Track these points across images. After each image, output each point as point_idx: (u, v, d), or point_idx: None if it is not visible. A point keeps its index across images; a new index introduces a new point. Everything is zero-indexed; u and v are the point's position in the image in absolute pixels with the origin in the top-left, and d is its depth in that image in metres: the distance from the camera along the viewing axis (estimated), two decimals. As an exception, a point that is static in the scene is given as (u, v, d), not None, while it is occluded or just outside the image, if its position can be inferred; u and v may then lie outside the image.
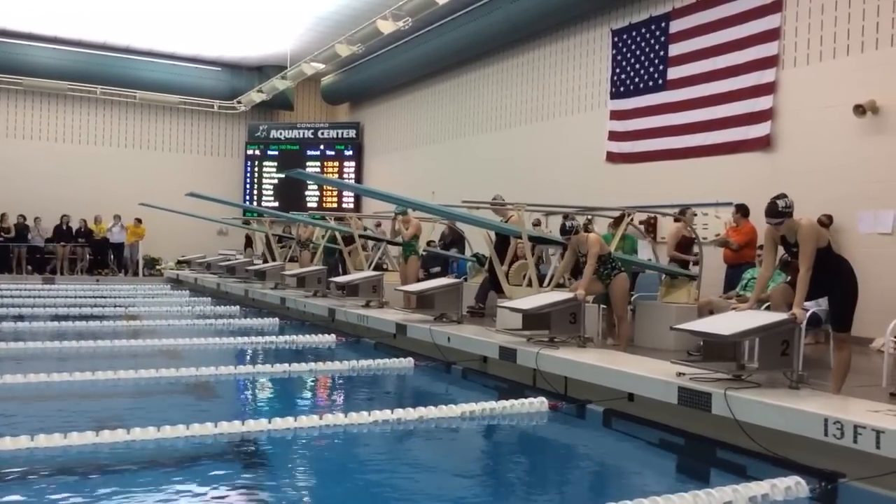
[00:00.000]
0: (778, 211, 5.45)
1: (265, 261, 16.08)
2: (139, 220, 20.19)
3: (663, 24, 12.71)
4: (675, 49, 12.47)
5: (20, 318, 10.89)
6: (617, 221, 9.33)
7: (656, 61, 12.80)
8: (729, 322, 5.43)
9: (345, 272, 12.88)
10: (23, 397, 6.19)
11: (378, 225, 16.11)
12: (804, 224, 5.48)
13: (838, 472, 4.20)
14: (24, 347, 8.51)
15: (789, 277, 6.28)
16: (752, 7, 11.16)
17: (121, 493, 3.96)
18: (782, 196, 5.51)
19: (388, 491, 4.37)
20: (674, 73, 12.47)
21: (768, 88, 10.88)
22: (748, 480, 4.12)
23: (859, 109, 9.48)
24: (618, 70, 13.57)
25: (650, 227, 12.32)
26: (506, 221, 9.56)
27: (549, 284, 8.20)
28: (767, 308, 5.84)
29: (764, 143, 10.85)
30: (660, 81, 12.72)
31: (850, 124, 9.62)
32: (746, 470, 4.56)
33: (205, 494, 4.03)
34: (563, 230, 7.46)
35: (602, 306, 8.35)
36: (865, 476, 4.12)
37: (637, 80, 13.16)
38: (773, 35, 10.88)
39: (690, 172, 11.73)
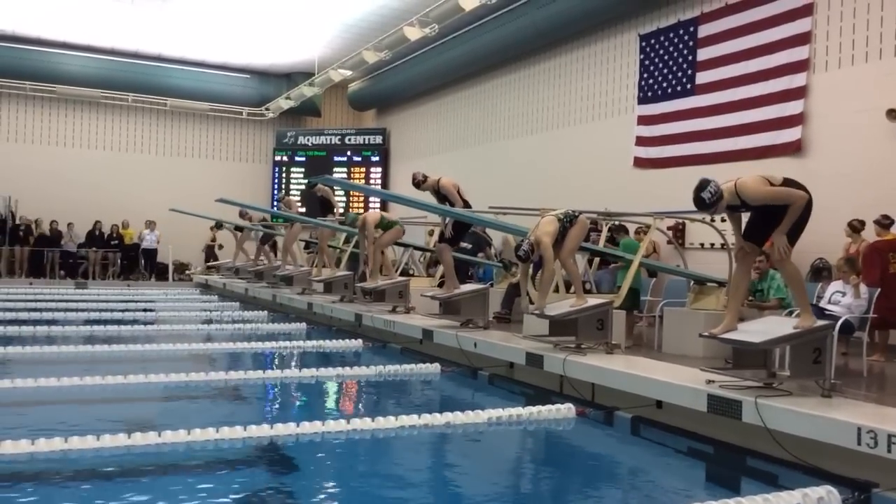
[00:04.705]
0: (707, 204, 5.21)
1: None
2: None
3: (692, 29, 12.62)
4: (703, 53, 12.38)
5: (53, 322, 11.07)
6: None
7: (685, 66, 12.71)
8: (760, 329, 5.37)
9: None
10: (56, 400, 6.29)
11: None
12: (745, 183, 5.19)
13: (871, 481, 4.13)
14: (57, 351, 8.64)
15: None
16: (783, 11, 11.04)
17: (151, 495, 4.00)
18: (703, 186, 5.18)
19: (414, 496, 4.38)
20: (702, 77, 12.37)
21: (799, 93, 10.75)
22: (779, 489, 4.07)
23: (892, 113, 9.33)
24: (645, 75, 13.49)
25: (678, 233, 12.21)
26: None
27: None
28: (790, 313, 5.76)
29: (795, 148, 10.72)
30: (688, 86, 12.63)
31: (883, 128, 9.47)
32: (777, 479, 4.50)
33: (233, 497, 4.07)
34: (522, 258, 7.14)
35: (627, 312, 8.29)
36: (900, 486, 4.05)
37: (665, 84, 13.08)
38: (803, 39, 10.76)
39: (719, 177, 11.53)
